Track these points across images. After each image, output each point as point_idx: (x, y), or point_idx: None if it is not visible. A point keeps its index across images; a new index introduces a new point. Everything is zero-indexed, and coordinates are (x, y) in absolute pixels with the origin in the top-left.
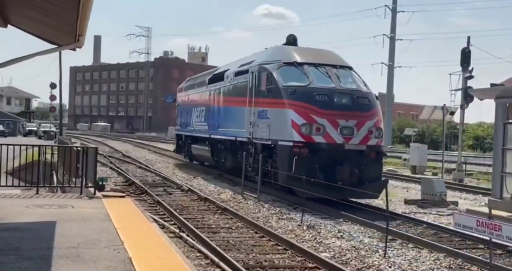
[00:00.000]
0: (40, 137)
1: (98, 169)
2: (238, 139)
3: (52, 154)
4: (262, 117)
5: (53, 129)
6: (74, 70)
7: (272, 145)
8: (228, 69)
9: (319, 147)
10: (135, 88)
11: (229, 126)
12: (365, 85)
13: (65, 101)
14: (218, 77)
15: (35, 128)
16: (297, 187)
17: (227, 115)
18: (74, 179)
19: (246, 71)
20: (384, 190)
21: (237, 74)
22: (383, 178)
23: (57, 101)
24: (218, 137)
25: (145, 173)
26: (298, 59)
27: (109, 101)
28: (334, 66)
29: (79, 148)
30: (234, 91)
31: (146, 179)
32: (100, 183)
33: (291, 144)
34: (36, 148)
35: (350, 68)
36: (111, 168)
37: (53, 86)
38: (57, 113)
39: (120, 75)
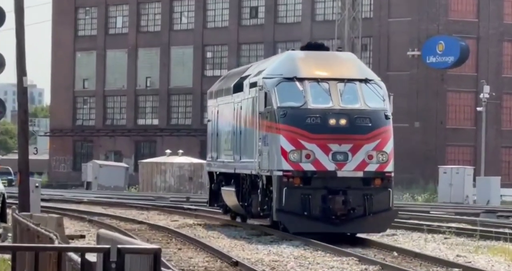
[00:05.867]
0: None
1: None
2: (252, 172)
3: None
4: (265, 143)
5: None
6: None
7: (271, 177)
8: (249, 75)
9: (309, 176)
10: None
11: (247, 156)
12: (383, 100)
13: (38, 75)
14: (240, 85)
15: None
16: (288, 222)
17: (246, 140)
18: None
19: (256, 84)
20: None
21: (252, 85)
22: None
23: (9, 74)
24: (241, 171)
25: None
26: (300, 73)
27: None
28: (341, 80)
29: (90, 260)
30: (249, 108)
31: None
32: None
33: (280, 173)
34: None
35: (365, 80)
36: None
37: None
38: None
39: None
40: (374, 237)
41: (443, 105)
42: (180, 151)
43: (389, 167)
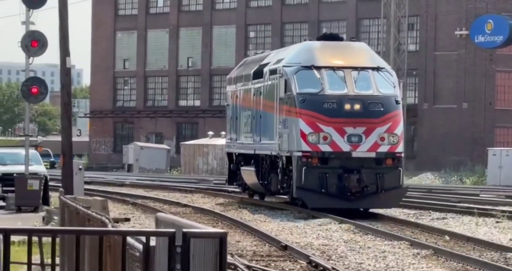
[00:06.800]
0: None
1: None
2: (272, 153)
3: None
4: (284, 126)
5: (39, 167)
6: None
7: (290, 157)
8: (269, 63)
9: (327, 156)
10: None
11: (267, 138)
12: (394, 87)
13: (77, 55)
14: (259, 72)
15: None
16: (306, 198)
17: (266, 123)
18: None
19: (276, 71)
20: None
21: (272, 72)
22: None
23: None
24: (261, 152)
25: None
26: (317, 61)
27: None
28: (355, 68)
29: (148, 243)
30: (269, 94)
31: None
32: None
33: (300, 154)
34: None
35: (377, 68)
36: None
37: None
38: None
39: None
40: (425, 220)
41: (492, 86)
42: (223, 133)
43: (400, 148)
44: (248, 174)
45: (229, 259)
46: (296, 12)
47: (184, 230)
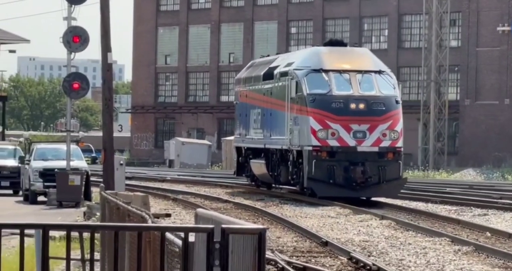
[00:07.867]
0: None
1: None
2: (283, 147)
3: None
4: (295, 123)
5: (80, 163)
6: None
7: (301, 151)
8: (279, 66)
9: (334, 150)
10: None
11: (277, 133)
12: (394, 88)
13: (118, 51)
14: (270, 74)
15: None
16: (316, 188)
17: (276, 120)
18: None
19: (286, 73)
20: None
21: (282, 74)
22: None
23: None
24: (271, 146)
25: None
26: (325, 65)
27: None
28: (359, 72)
29: (186, 239)
30: (279, 94)
31: None
32: None
33: (310, 148)
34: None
35: (379, 72)
36: None
37: None
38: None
39: None
40: (466, 217)
41: None
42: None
43: (400, 143)
44: (258, 166)
45: (270, 255)
46: (338, 8)
47: (223, 226)
